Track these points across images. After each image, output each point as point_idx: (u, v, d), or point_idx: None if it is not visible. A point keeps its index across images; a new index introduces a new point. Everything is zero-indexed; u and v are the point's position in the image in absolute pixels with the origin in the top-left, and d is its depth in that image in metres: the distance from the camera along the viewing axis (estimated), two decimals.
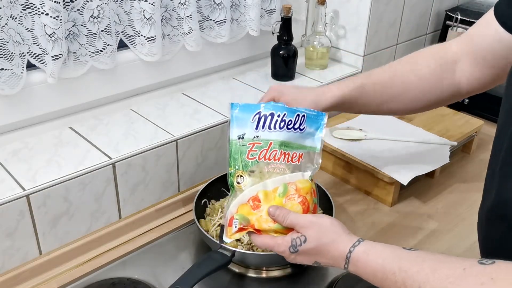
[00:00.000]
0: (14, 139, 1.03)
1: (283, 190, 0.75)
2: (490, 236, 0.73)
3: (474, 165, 1.36)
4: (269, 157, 0.76)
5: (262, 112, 0.77)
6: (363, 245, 0.68)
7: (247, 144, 0.76)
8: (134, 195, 1.05)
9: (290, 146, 0.77)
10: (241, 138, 0.76)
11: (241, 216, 0.76)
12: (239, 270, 0.97)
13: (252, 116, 0.77)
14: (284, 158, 0.77)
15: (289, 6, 1.30)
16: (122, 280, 0.93)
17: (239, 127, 0.77)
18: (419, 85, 0.88)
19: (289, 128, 0.77)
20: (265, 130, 0.76)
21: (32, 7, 0.95)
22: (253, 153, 0.76)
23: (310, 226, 0.71)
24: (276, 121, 0.77)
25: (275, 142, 0.76)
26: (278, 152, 0.76)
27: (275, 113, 0.77)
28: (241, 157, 0.76)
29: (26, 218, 0.90)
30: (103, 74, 1.12)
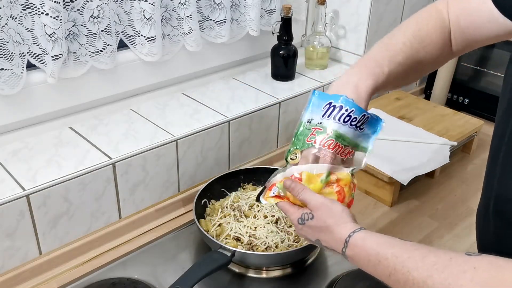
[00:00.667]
0: (14, 139, 1.03)
1: (326, 177, 0.79)
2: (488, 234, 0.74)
3: (474, 165, 1.36)
4: (324, 144, 0.79)
5: (333, 103, 0.80)
6: (363, 232, 0.71)
7: (311, 128, 0.80)
8: (134, 195, 1.05)
9: (346, 140, 0.81)
10: (309, 122, 0.81)
11: (281, 186, 0.81)
12: (239, 270, 0.97)
13: (324, 104, 0.80)
14: (336, 149, 0.80)
15: (289, 6, 1.30)
16: (122, 280, 0.93)
17: (312, 112, 0.81)
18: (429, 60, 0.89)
19: (351, 125, 0.81)
20: (330, 119, 0.80)
21: (32, 7, 0.95)
22: (312, 137, 0.80)
23: (320, 207, 0.75)
24: (342, 114, 0.80)
25: (334, 133, 0.80)
26: (333, 142, 0.79)
27: (344, 106, 0.80)
28: (304, 138, 0.80)
29: (26, 218, 0.90)
30: (103, 74, 1.12)
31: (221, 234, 0.98)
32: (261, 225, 0.98)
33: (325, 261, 1.01)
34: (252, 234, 0.96)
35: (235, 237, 0.96)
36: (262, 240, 0.95)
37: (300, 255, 0.97)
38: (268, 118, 1.25)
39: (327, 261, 1.01)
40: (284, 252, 0.93)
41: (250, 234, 0.96)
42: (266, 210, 1.01)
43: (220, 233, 0.98)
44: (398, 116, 1.39)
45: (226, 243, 0.93)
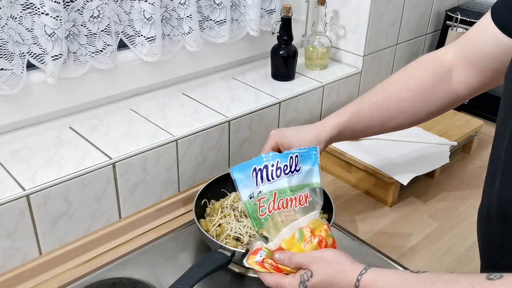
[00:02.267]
0: (14, 139, 1.03)
1: (300, 236, 0.77)
2: (490, 236, 0.73)
3: (474, 165, 1.36)
4: (278, 206, 0.78)
5: (257, 167, 0.79)
6: (370, 273, 0.68)
7: (256, 201, 0.79)
8: (134, 195, 1.05)
9: (294, 190, 0.80)
10: (252, 197, 0.79)
11: (268, 252, 0.79)
12: (239, 270, 0.97)
13: (250, 173, 0.79)
14: (291, 203, 0.79)
15: (289, 6, 1.30)
16: (122, 280, 0.93)
17: (246, 187, 0.80)
18: (415, 100, 0.87)
19: (286, 173, 0.80)
20: (265, 183, 0.79)
21: (32, 7, 0.95)
22: (262, 209, 0.78)
23: (314, 261, 0.73)
24: (272, 171, 0.79)
25: (279, 191, 0.79)
26: (284, 200, 0.78)
27: (268, 164, 0.79)
28: (257, 216, 0.79)
29: (26, 218, 0.90)
30: (103, 74, 1.12)
31: (221, 234, 0.98)
32: None
33: None
34: (252, 234, 0.96)
35: (235, 237, 0.96)
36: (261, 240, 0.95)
37: None
38: (268, 118, 1.25)
39: None
40: None
41: (250, 234, 0.96)
42: None
43: (220, 233, 0.98)
44: None
45: (226, 243, 0.93)
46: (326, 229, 0.79)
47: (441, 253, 1.04)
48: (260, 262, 0.79)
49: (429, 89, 0.87)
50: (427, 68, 0.88)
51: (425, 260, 1.02)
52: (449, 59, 0.86)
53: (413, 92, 0.87)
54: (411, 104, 0.88)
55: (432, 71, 0.87)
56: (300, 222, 0.78)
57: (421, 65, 0.89)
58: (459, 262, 1.02)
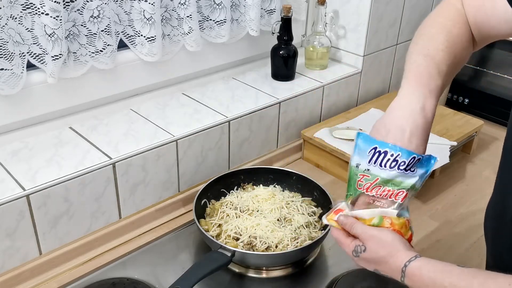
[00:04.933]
0: (14, 139, 1.03)
1: (378, 221, 0.79)
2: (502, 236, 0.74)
3: (474, 165, 1.36)
4: (372, 190, 0.80)
5: (378, 148, 0.80)
6: (419, 261, 0.70)
7: (358, 174, 0.80)
8: (134, 195, 1.05)
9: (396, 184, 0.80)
10: (357, 167, 0.81)
11: None
12: (239, 270, 0.97)
13: (369, 149, 0.80)
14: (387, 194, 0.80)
15: (289, 6, 1.30)
16: (122, 280, 0.93)
17: (359, 155, 0.81)
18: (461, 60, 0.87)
19: (399, 169, 0.80)
20: (376, 166, 0.80)
21: (32, 7, 0.95)
22: (360, 184, 0.80)
23: (370, 239, 0.75)
24: (388, 160, 0.79)
25: (381, 179, 0.80)
26: (381, 188, 0.80)
27: (389, 151, 0.79)
28: (354, 184, 0.81)
29: (26, 218, 0.90)
30: (103, 74, 1.12)
31: (221, 234, 0.98)
32: (261, 224, 0.98)
33: (325, 261, 1.01)
34: (252, 234, 0.96)
35: (235, 237, 0.96)
36: (262, 240, 0.95)
37: (300, 255, 0.97)
38: (268, 118, 1.25)
39: (327, 261, 1.01)
40: (284, 252, 0.93)
41: (250, 234, 0.96)
42: (266, 211, 1.01)
43: (220, 233, 0.98)
44: None
45: (226, 243, 0.93)
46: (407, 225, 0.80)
47: (441, 253, 1.04)
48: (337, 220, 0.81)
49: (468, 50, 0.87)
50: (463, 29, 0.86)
51: None
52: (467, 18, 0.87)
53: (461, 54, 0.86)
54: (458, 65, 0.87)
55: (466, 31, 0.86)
56: (384, 212, 0.80)
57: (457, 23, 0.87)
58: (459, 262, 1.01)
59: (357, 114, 1.41)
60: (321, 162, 1.31)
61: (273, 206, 1.02)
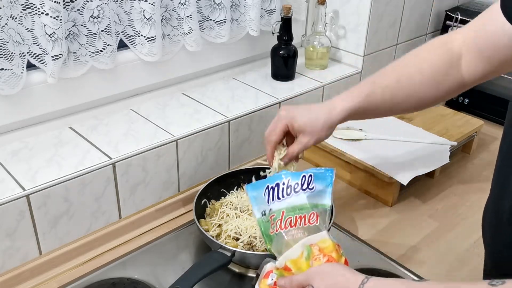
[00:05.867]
0: (14, 139, 1.03)
1: (307, 253, 0.77)
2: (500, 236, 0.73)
3: (474, 165, 1.36)
4: (285, 225, 0.79)
5: (269, 185, 0.80)
6: (372, 282, 0.67)
7: (268, 219, 0.80)
8: (134, 195, 1.05)
9: (304, 208, 0.79)
10: (264, 215, 0.81)
11: (279, 273, 0.78)
12: (239, 270, 0.97)
13: (263, 191, 0.80)
14: (300, 222, 0.79)
15: (289, 6, 1.30)
16: (122, 280, 0.93)
17: (258, 205, 0.81)
18: (426, 83, 0.86)
19: (296, 191, 0.80)
20: (275, 201, 0.80)
21: (32, 7, 0.95)
22: (273, 227, 0.79)
23: (313, 276, 0.72)
24: (283, 189, 0.80)
25: (287, 210, 0.79)
26: (293, 218, 0.79)
27: (280, 182, 0.80)
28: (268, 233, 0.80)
29: (26, 218, 0.90)
30: (103, 74, 1.12)
31: (221, 234, 0.98)
32: None
33: None
34: (252, 234, 0.96)
35: (235, 237, 0.96)
36: (262, 240, 0.95)
37: None
38: (268, 118, 1.25)
39: None
40: None
41: (250, 234, 0.96)
42: None
43: (220, 233, 0.98)
44: (398, 116, 1.39)
45: (226, 243, 0.93)
46: (337, 249, 0.78)
47: (441, 253, 1.04)
48: (273, 285, 0.77)
49: (440, 74, 0.85)
50: (438, 53, 0.86)
51: (425, 260, 1.02)
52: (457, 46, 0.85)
53: (426, 76, 0.86)
54: (422, 88, 0.87)
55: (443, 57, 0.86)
56: (308, 241, 0.78)
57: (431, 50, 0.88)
58: (459, 262, 1.02)
59: None
60: (321, 162, 1.31)
61: None
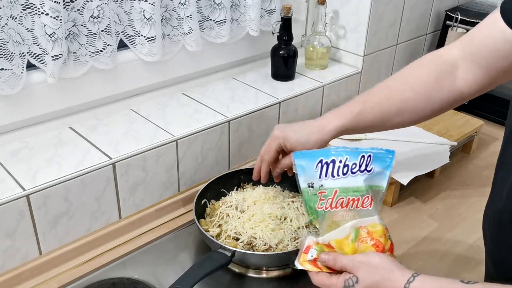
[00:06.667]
0: (14, 139, 1.03)
1: (355, 235, 0.75)
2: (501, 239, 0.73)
3: (474, 165, 1.36)
4: (336, 205, 0.76)
5: (324, 160, 0.76)
6: (419, 280, 0.66)
7: (316, 193, 0.76)
8: (134, 195, 1.05)
9: (359, 191, 0.76)
10: (311, 186, 0.77)
11: (320, 249, 0.75)
12: (239, 270, 0.97)
13: (315, 164, 0.76)
14: (353, 204, 0.76)
15: (289, 6, 1.30)
16: (122, 280, 0.93)
17: (306, 175, 0.77)
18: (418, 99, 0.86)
19: (354, 172, 0.76)
20: (328, 178, 0.76)
21: (32, 7, 0.95)
22: (322, 203, 0.76)
23: (360, 266, 0.70)
24: (339, 167, 0.76)
25: (340, 190, 0.75)
26: (345, 200, 0.75)
27: (336, 159, 0.76)
28: (314, 206, 0.76)
29: (26, 218, 0.90)
30: (103, 74, 1.12)
31: (221, 234, 0.98)
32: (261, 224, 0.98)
33: None
34: (252, 234, 0.96)
35: (235, 237, 0.96)
36: (262, 240, 0.95)
37: None
38: (268, 118, 1.25)
39: None
40: (284, 252, 0.93)
41: (250, 234, 0.96)
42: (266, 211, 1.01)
43: (220, 233, 0.98)
44: None
45: (226, 243, 0.93)
46: (385, 233, 0.76)
47: (441, 253, 1.04)
48: (312, 260, 0.75)
49: (432, 88, 0.86)
50: (430, 67, 0.87)
51: (425, 260, 1.02)
52: (453, 57, 0.85)
53: (416, 91, 0.86)
54: (414, 104, 0.87)
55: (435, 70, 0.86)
56: (358, 223, 0.76)
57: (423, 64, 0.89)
58: (459, 262, 1.02)
59: None
60: None
61: (273, 206, 1.02)
